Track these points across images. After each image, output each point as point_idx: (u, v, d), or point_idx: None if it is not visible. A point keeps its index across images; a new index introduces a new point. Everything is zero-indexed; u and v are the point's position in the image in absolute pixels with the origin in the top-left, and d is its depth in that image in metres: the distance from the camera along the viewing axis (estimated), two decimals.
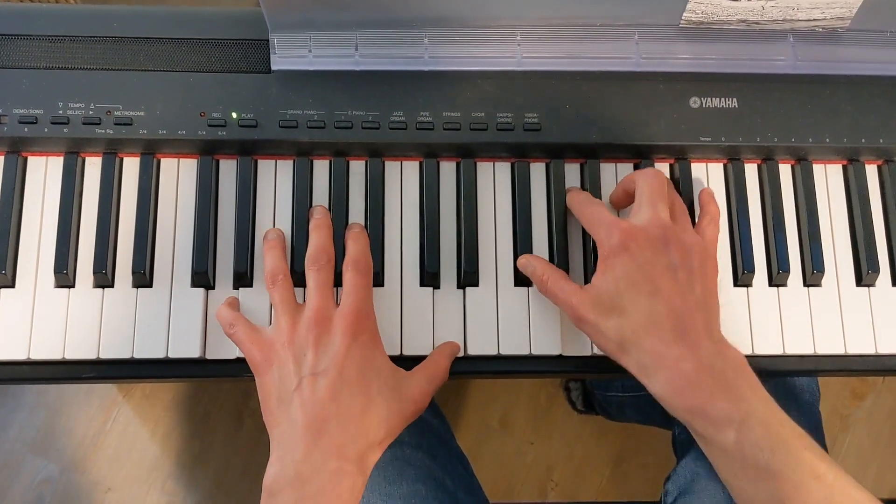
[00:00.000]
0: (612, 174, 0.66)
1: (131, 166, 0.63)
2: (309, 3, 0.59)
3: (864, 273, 0.65)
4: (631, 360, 0.56)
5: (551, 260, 0.64)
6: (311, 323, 0.56)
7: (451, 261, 0.63)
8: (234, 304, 0.61)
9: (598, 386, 1.23)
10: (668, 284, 0.56)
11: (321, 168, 0.64)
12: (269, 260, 0.60)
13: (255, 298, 0.61)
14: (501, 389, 1.36)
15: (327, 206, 0.63)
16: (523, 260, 0.62)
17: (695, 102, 0.65)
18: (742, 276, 0.64)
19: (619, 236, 0.57)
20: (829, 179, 0.67)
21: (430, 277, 0.62)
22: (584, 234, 0.64)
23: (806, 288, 0.65)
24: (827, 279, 0.65)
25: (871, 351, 0.64)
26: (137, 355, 0.60)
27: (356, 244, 0.61)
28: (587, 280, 0.64)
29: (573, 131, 0.64)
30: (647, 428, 1.32)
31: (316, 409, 0.54)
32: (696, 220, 0.63)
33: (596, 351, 0.62)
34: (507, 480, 1.34)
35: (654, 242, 0.57)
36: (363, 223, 0.63)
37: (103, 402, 1.32)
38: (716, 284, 0.59)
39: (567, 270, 0.63)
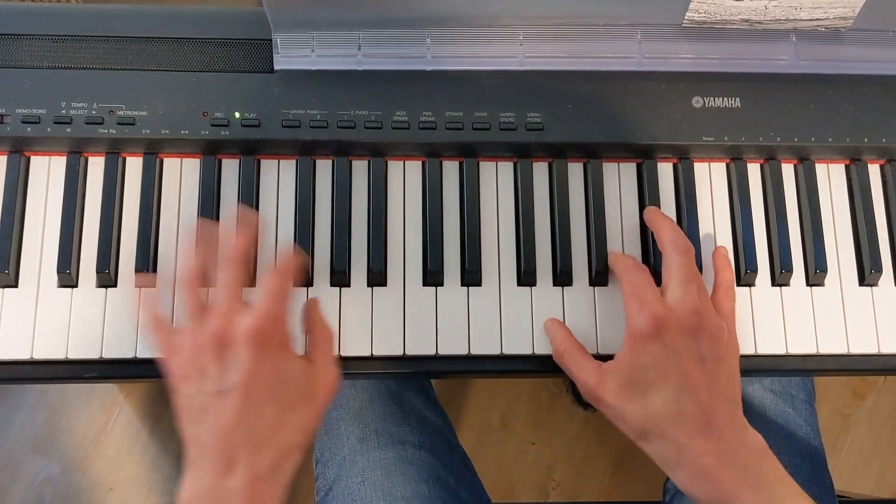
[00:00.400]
0: (615, 173, 0.66)
1: (134, 166, 0.63)
2: (312, 2, 0.59)
3: (867, 272, 0.65)
4: (652, 448, 0.56)
5: (553, 258, 0.64)
6: (213, 334, 0.53)
7: (453, 260, 0.63)
8: (155, 303, 0.59)
9: None
10: (695, 376, 0.55)
11: (324, 168, 0.64)
12: (183, 263, 0.59)
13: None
14: (502, 389, 1.36)
15: (330, 207, 0.63)
16: (547, 323, 0.62)
17: (697, 102, 0.65)
18: (745, 276, 0.64)
19: (653, 322, 0.55)
20: (831, 179, 0.67)
21: (432, 277, 0.62)
22: (587, 233, 0.64)
23: (809, 287, 0.65)
24: (830, 279, 0.65)
25: (873, 350, 0.64)
26: (140, 355, 0.60)
27: (283, 254, 0.60)
28: (592, 280, 0.63)
29: (576, 131, 0.64)
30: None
31: (223, 433, 0.51)
32: (713, 290, 0.62)
33: (599, 350, 0.62)
34: (507, 480, 1.34)
35: (685, 332, 0.55)
36: (367, 222, 0.63)
37: (104, 402, 1.32)
38: (738, 364, 0.58)
39: (570, 271, 0.63)
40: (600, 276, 0.63)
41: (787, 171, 0.67)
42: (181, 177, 0.64)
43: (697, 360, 0.55)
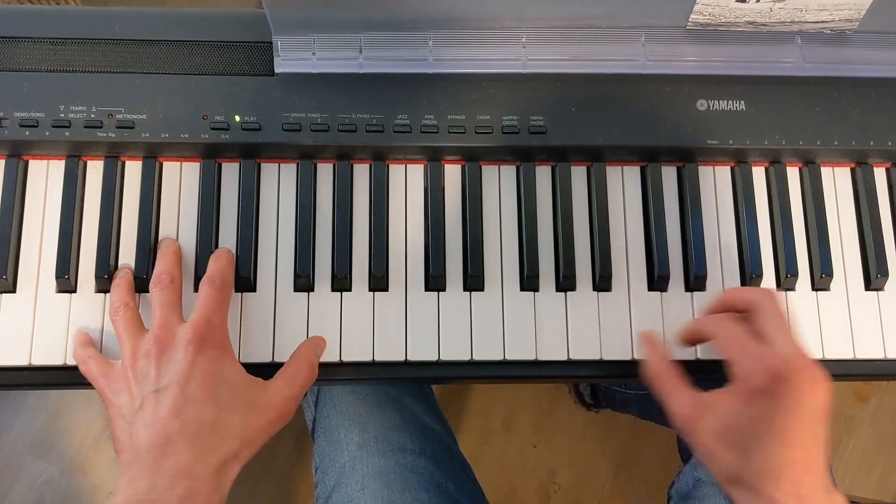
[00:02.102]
0: (619, 177, 0.65)
1: (133, 170, 0.63)
2: (313, 5, 0.59)
3: (873, 277, 0.64)
4: (740, 496, 0.55)
5: (556, 263, 0.63)
6: (152, 342, 0.54)
7: (456, 265, 0.63)
8: (87, 342, 0.59)
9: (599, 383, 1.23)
10: (798, 434, 0.53)
11: (325, 171, 0.64)
12: (114, 294, 0.58)
13: (258, 302, 0.61)
14: (504, 392, 1.36)
15: (331, 211, 0.63)
16: (643, 335, 0.61)
17: (702, 105, 0.64)
18: (750, 281, 0.63)
19: (768, 377, 0.53)
20: (837, 182, 0.67)
21: (434, 282, 0.62)
22: (591, 236, 0.64)
23: (814, 292, 0.64)
24: (835, 283, 0.64)
25: (879, 355, 0.63)
26: None
27: (216, 263, 0.59)
28: (595, 286, 0.63)
29: (579, 134, 0.63)
30: (650, 431, 1.32)
31: (158, 428, 0.51)
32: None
33: (604, 356, 0.62)
34: (509, 483, 1.33)
35: (798, 389, 0.54)
36: (368, 226, 0.62)
37: (104, 405, 1.32)
38: (828, 415, 0.57)
39: (573, 276, 0.62)
40: (604, 281, 0.63)
41: (793, 174, 0.66)
42: (181, 181, 0.63)
43: (803, 419, 0.54)
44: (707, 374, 0.61)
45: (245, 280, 0.61)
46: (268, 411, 0.55)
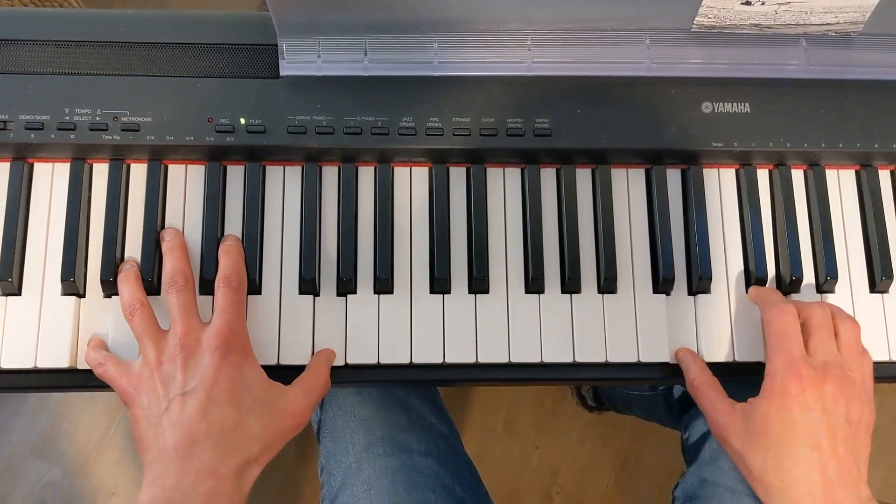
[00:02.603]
0: (624, 179, 0.65)
1: (138, 172, 0.63)
2: (318, 7, 0.59)
3: (878, 279, 0.64)
4: (769, 500, 0.56)
5: (562, 265, 0.63)
6: (178, 346, 0.55)
7: (461, 268, 0.63)
8: (101, 345, 0.59)
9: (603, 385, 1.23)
10: (829, 442, 0.54)
11: (330, 174, 0.64)
12: (126, 291, 0.58)
13: (264, 305, 0.61)
14: (506, 393, 1.36)
15: (336, 213, 0.63)
16: (680, 353, 0.61)
17: (707, 107, 0.64)
18: (754, 283, 0.63)
19: (797, 382, 0.55)
20: (841, 185, 0.67)
21: (440, 284, 0.62)
22: (596, 239, 0.64)
23: (819, 294, 0.64)
24: (840, 285, 0.64)
25: (885, 358, 0.64)
26: None
27: (228, 259, 0.59)
28: (600, 288, 0.63)
29: (584, 136, 0.63)
30: (652, 432, 1.32)
31: (184, 428, 0.52)
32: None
33: (609, 358, 0.62)
34: (511, 484, 1.33)
35: (826, 396, 0.55)
36: (373, 229, 0.62)
37: (107, 407, 1.32)
38: (871, 430, 0.58)
39: (578, 278, 0.62)
40: (609, 283, 0.63)
41: (797, 176, 0.66)
42: (186, 183, 0.63)
43: (833, 426, 0.55)
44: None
45: (250, 283, 0.61)
46: (287, 418, 0.56)
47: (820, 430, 0.54)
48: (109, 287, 0.60)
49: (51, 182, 0.62)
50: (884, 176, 0.67)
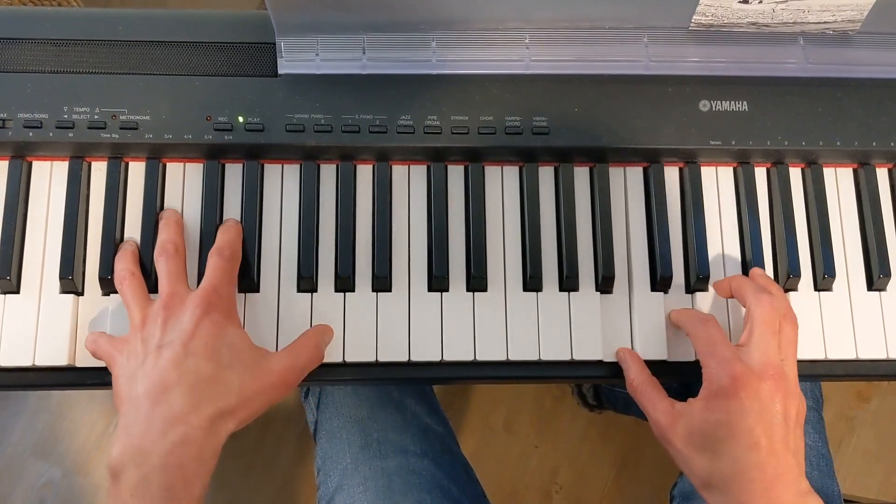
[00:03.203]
0: (622, 178, 0.65)
1: (137, 171, 0.63)
2: (316, 6, 0.59)
3: (876, 277, 0.64)
4: (713, 501, 0.56)
5: (559, 264, 0.63)
6: (162, 306, 0.55)
7: (459, 266, 0.63)
8: (98, 332, 0.59)
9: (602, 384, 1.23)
10: (766, 440, 0.54)
11: (328, 172, 0.64)
12: (119, 263, 0.59)
13: (262, 303, 0.61)
14: (506, 392, 1.36)
15: (334, 211, 0.63)
16: (620, 352, 0.62)
17: (704, 105, 0.64)
18: None
19: (731, 381, 0.55)
20: (839, 183, 0.67)
21: (438, 282, 0.62)
22: (594, 237, 0.64)
23: (817, 293, 0.64)
24: (838, 284, 0.64)
25: (882, 356, 0.63)
26: None
27: (225, 234, 0.60)
28: (598, 286, 0.63)
29: (582, 135, 0.63)
30: (651, 432, 1.32)
31: (156, 377, 0.52)
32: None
33: (606, 357, 0.62)
34: (511, 484, 1.34)
35: (762, 394, 0.55)
36: (371, 227, 0.63)
37: (106, 406, 1.32)
38: (803, 423, 0.57)
39: (576, 276, 0.62)
40: (607, 282, 0.63)
41: (795, 175, 0.66)
42: (184, 181, 0.63)
43: (771, 424, 0.55)
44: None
45: (248, 280, 0.61)
46: (267, 375, 0.56)
47: (757, 429, 0.54)
48: (108, 285, 0.60)
49: (49, 180, 0.62)
50: (882, 174, 0.67)
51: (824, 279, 0.64)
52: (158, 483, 0.50)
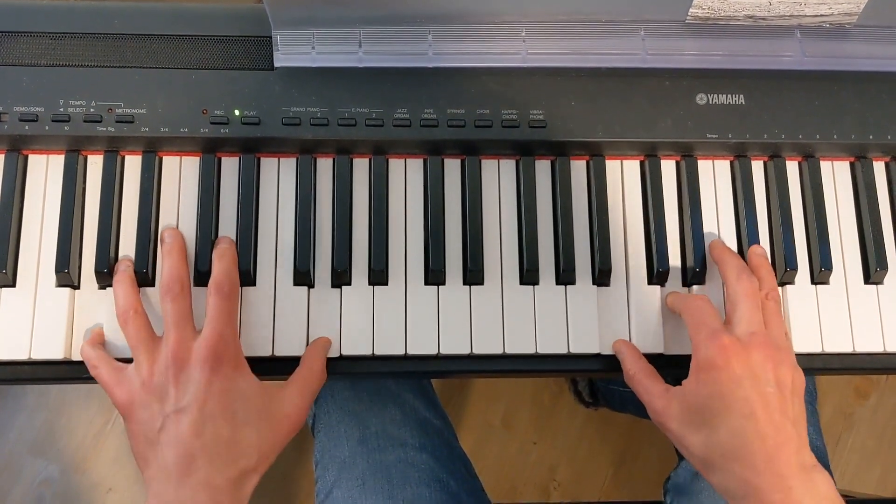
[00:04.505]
0: (618, 171, 0.65)
1: (133, 164, 0.63)
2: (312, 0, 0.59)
3: (873, 270, 0.64)
4: (715, 479, 0.55)
5: (556, 257, 0.63)
6: (170, 360, 0.55)
7: (455, 259, 0.63)
8: (98, 341, 0.59)
9: (599, 378, 1.23)
10: (762, 410, 0.53)
11: (324, 166, 0.64)
12: (121, 296, 0.58)
13: (258, 296, 0.61)
14: (504, 389, 1.36)
15: (331, 205, 0.63)
16: (616, 344, 0.61)
17: (701, 99, 0.64)
18: None
19: (720, 351, 0.54)
20: (836, 176, 0.67)
21: (434, 276, 0.62)
22: (591, 231, 0.64)
23: (814, 286, 0.64)
24: (835, 277, 0.64)
25: (879, 349, 0.63)
26: None
27: (221, 264, 0.59)
28: (595, 280, 0.63)
29: (579, 128, 0.63)
30: (650, 427, 1.32)
31: (181, 447, 0.53)
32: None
33: (603, 350, 0.62)
34: (509, 480, 1.33)
35: (753, 363, 0.54)
36: (368, 221, 0.62)
37: (104, 403, 1.32)
38: (802, 395, 0.56)
39: (573, 270, 0.62)
40: (603, 275, 0.63)
41: (792, 168, 0.66)
42: (180, 175, 0.63)
43: (763, 392, 0.53)
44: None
45: (245, 274, 0.61)
46: (283, 422, 0.57)
47: (752, 397, 0.53)
48: (104, 278, 0.60)
49: (45, 174, 0.62)
50: (878, 168, 0.67)
51: (821, 272, 0.64)
52: None
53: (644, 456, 1.35)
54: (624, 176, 0.65)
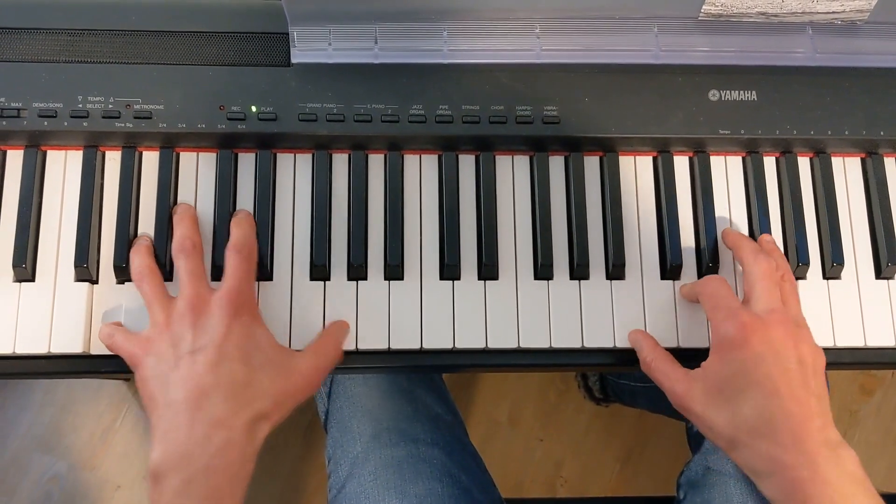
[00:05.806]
0: (631, 167, 0.66)
1: (150, 160, 0.63)
2: None
3: (884, 265, 0.65)
4: (741, 458, 0.55)
5: (570, 252, 0.64)
6: (188, 308, 0.55)
7: (470, 254, 0.63)
8: (113, 324, 0.60)
9: (612, 372, 1.23)
10: (785, 386, 0.53)
11: (340, 162, 0.64)
12: (136, 259, 0.59)
13: (275, 291, 0.61)
14: (510, 385, 1.36)
15: (346, 200, 0.63)
16: (632, 334, 0.62)
17: (714, 95, 0.65)
18: None
19: (740, 329, 0.54)
20: (847, 172, 0.67)
21: (449, 270, 0.62)
22: (604, 226, 0.64)
23: (825, 281, 0.65)
24: (846, 272, 0.65)
25: (890, 343, 0.64)
26: None
27: (240, 229, 0.60)
28: (608, 274, 0.63)
29: (592, 124, 0.63)
30: (656, 423, 1.33)
31: (194, 382, 0.52)
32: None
33: (618, 344, 0.62)
34: (515, 476, 1.34)
35: (773, 340, 0.54)
36: (383, 216, 0.63)
37: (112, 400, 1.32)
38: (824, 373, 0.56)
39: (587, 265, 0.63)
40: (617, 270, 0.63)
41: (804, 164, 0.67)
42: (197, 171, 0.63)
43: (786, 368, 0.53)
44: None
45: (262, 269, 0.61)
46: (297, 376, 0.57)
47: (774, 374, 0.53)
48: (122, 273, 0.61)
49: (64, 169, 0.63)
50: (889, 164, 0.67)
51: (833, 267, 0.64)
52: (203, 486, 0.51)
53: (650, 452, 1.35)
54: (637, 171, 0.66)
